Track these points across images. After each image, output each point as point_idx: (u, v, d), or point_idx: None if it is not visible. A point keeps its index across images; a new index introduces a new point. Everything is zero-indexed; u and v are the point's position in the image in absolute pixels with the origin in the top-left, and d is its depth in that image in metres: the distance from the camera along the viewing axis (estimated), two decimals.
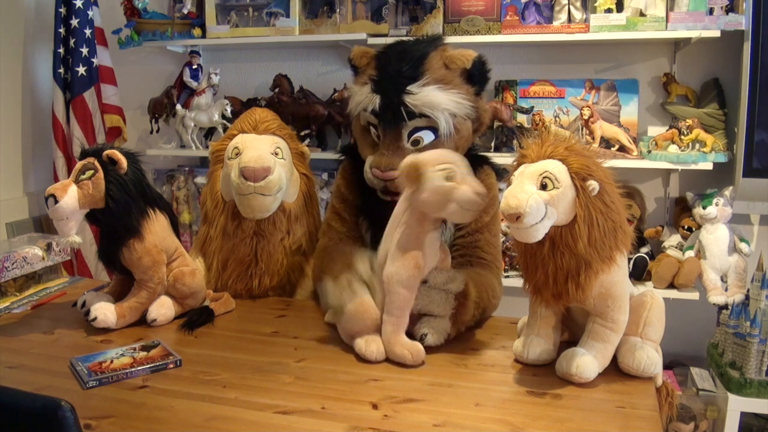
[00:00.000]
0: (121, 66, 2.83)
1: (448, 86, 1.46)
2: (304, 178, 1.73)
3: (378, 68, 1.51)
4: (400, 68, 1.47)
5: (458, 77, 1.49)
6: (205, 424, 1.02)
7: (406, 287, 1.22)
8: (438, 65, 1.48)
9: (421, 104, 1.43)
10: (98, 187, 1.35)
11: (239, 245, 1.65)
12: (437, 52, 1.50)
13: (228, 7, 2.65)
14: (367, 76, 1.52)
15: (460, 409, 1.06)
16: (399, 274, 1.22)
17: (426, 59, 1.48)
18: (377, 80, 1.48)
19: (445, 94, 1.45)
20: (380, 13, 2.46)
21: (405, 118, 1.44)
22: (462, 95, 1.47)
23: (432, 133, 1.48)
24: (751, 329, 1.89)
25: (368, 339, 1.26)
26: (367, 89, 1.50)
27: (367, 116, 1.51)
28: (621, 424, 1.02)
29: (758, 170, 2.15)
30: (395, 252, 1.24)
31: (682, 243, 2.27)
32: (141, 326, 1.45)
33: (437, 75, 1.46)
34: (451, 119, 1.46)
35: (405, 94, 1.43)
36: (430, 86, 1.44)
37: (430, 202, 1.19)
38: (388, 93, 1.46)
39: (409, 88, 1.44)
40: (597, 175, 1.08)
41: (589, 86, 2.40)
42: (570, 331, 1.28)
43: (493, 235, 1.57)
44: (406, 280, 1.22)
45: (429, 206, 1.20)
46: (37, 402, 0.82)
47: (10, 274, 1.64)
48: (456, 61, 1.49)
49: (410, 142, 1.48)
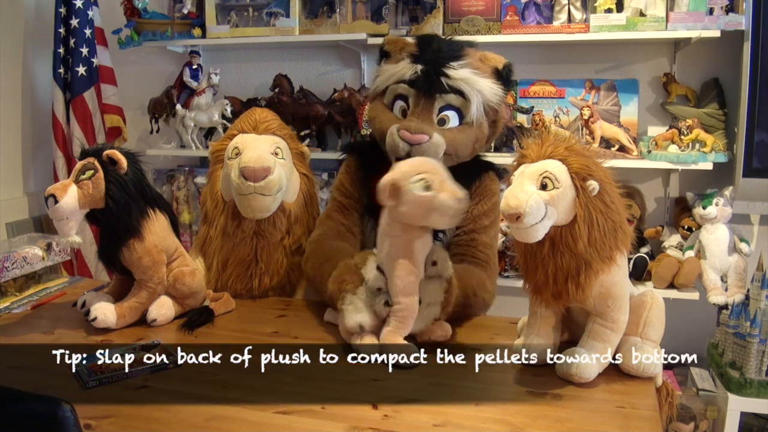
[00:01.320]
0: (121, 66, 2.83)
1: (483, 75, 1.53)
2: (304, 178, 1.73)
3: (419, 46, 1.57)
4: (442, 46, 1.55)
5: (490, 74, 1.55)
6: (205, 424, 1.02)
7: (407, 295, 1.23)
8: (474, 58, 1.55)
9: (461, 78, 1.49)
10: (98, 187, 1.35)
11: (239, 245, 1.65)
12: (473, 49, 1.59)
13: (228, 7, 2.65)
14: (404, 55, 1.57)
15: (460, 409, 1.06)
16: (397, 286, 1.23)
17: (464, 50, 1.55)
18: (419, 54, 1.54)
19: (479, 77, 1.52)
20: (380, 13, 2.46)
21: (444, 88, 1.48)
22: (495, 87, 1.54)
23: (458, 117, 1.52)
24: (751, 329, 1.89)
25: (366, 337, 1.27)
26: (405, 62, 1.54)
27: (400, 88, 1.54)
28: (621, 424, 1.02)
29: (758, 170, 2.15)
30: (388, 264, 1.25)
31: (682, 243, 2.27)
32: (141, 326, 1.45)
33: (474, 64, 1.53)
34: (481, 107, 1.51)
35: (446, 67, 1.49)
36: (466, 69, 1.51)
37: (412, 214, 1.20)
38: (430, 62, 1.51)
39: (450, 63, 1.50)
40: (597, 175, 1.08)
41: (589, 86, 2.40)
42: (570, 331, 1.28)
43: (491, 237, 1.59)
44: (405, 288, 1.23)
45: (411, 218, 1.21)
46: (37, 402, 0.83)
47: (10, 274, 1.64)
48: (490, 60, 1.57)
49: (438, 119, 1.51)
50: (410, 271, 1.23)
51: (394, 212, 1.22)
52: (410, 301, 1.24)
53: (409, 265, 1.23)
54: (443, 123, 1.52)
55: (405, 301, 1.23)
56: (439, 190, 1.17)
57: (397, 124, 1.50)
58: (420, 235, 1.24)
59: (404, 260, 1.23)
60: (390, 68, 1.57)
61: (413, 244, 1.24)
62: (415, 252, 1.24)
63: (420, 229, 1.24)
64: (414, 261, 1.24)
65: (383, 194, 1.22)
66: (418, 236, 1.24)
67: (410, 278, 1.23)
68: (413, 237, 1.24)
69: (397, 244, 1.24)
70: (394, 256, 1.24)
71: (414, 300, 1.24)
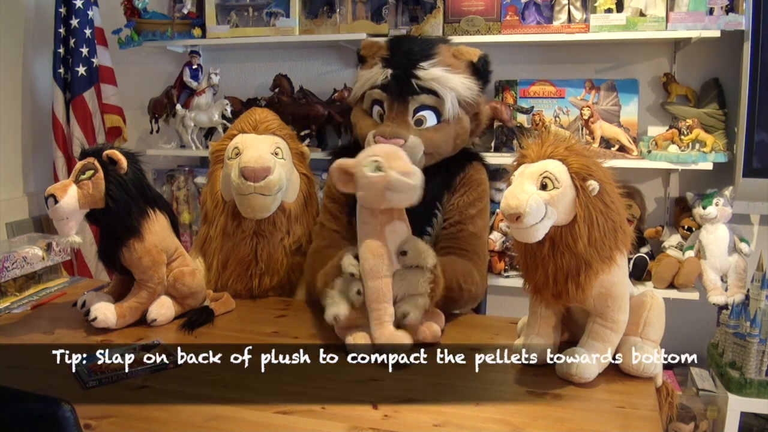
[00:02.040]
0: (121, 66, 2.83)
1: (456, 71, 1.53)
2: (304, 178, 1.73)
3: (390, 49, 1.58)
4: (413, 47, 1.55)
5: (465, 68, 1.55)
6: (205, 424, 1.02)
7: (373, 278, 1.24)
8: (447, 54, 1.55)
9: (432, 78, 1.49)
10: (98, 187, 1.35)
11: (239, 245, 1.65)
12: (446, 45, 1.58)
13: (228, 7, 2.64)
14: (377, 59, 1.58)
15: (460, 409, 1.06)
16: (363, 270, 1.24)
17: (436, 47, 1.55)
18: (389, 57, 1.55)
19: (453, 75, 1.52)
20: (380, 13, 2.46)
21: (415, 90, 1.49)
22: (469, 82, 1.53)
23: (435, 116, 1.52)
24: (751, 329, 1.89)
25: (357, 335, 1.27)
26: (378, 67, 1.55)
27: (374, 93, 1.55)
28: (621, 424, 1.02)
29: (758, 170, 2.15)
30: (363, 251, 1.26)
31: (682, 243, 2.27)
32: (141, 326, 1.45)
33: (447, 61, 1.53)
34: (457, 102, 1.51)
35: (416, 69, 1.49)
36: (439, 67, 1.51)
37: (369, 197, 1.23)
38: (399, 66, 1.52)
39: (420, 63, 1.50)
40: (597, 175, 1.08)
41: (589, 86, 2.40)
42: (570, 331, 1.28)
43: (479, 228, 1.58)
44: (370, 271, 1.24)
45: (370, 201, 1.24)
46: (37, 402, 0.83)
47: (10, 274, 1.64)
48: (464, 54, 1.57)
49: (414, 120, 1.51)
50: (377, 253, 1.24)
51: (358, 199, 1.26)
52: (378, 284, 1.24)
53: (377, 248, 1.24)
54: (420, 123, 1.52)
55: (372, 285, 1.24)
56: (387, 169, 1.20)
57: (374, 130, 1.51)
58: (388, 221, 1.26)
59: (371, 245, 1.24)
60: (365, 74, 1.59)
61: (382, 229, 1.25)
62: (384, 237, 1.25)
63: (387, 214, 1.26)
64: (381, 246, 1.24)
65: (333, 178, 1.26)
66: (387, 222, 1.26)
67: (376, 261, 1.24)
68: (381, 222, 1.26)
69: (366, 230, 1.26)
70: (363, 239, 1.26)
71: (382, 283, 1.24)
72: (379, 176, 1.20)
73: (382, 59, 1.56)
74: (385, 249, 1.25)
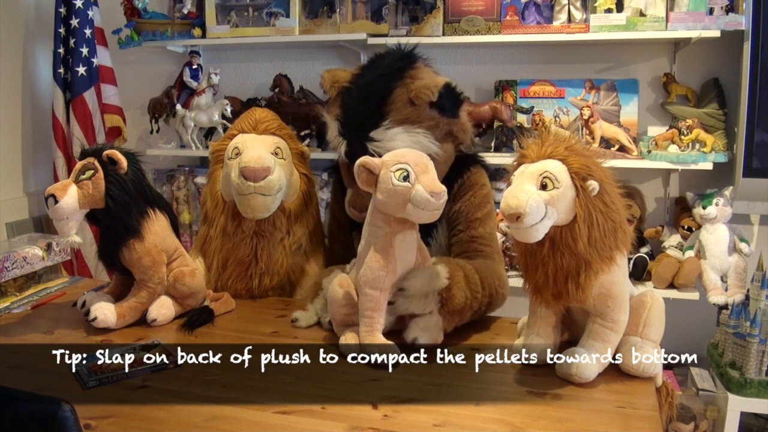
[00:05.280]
0: (121, 66, 2.83)
1: (414, 126, 1.42)
2: (304, 178, 1.73)
3: (342, 108, 1.48)
4: (363, 112, 1.43)
5: (426, 110, 1.44)
6: (205, 424, 1.02)
7: (373, 288, 1.21)
8: (402, 103, 1.43)
9: (385, 151, 1.36)
10: (98, 187, 1.35)
11: (239, 245, 1.65)
12: (402, 87, 1.44)
13: (228, 7, 2.65)
14: (334, 113, 1.51)
15: (460, 409, 1.06)
16: (365, 276, 1.21)
17: (390, 97, 1.43)
18: (342, 123, 1.48)
19: (410, 136, 1.41)
20: (380, 13, 2.46)
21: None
22: (428, 135, 1.43)
23: None
24: (751, 329, 1.89)
25: (348, 335, 1.27)
26: (335, 130, 1.50)
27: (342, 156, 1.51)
28: (621, 424, 1.02)
29: (758, 170, 2.15)
30: (362, 252, 1.24)
31: (682, 243, 2.27)
32: (141, 326, 1.45)
33: (402, 115, 1.42)
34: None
35: (369, 141, 1.41)
36: (394, 129, 1.41)
37: (388, 203, 1.19)
38: (352, 139, 1.44)
39: (372, 134, 1.41)
40: (597, 175, 1.08)
41: (589, 86, 2.40)
42: (570, 331, 1.28)
43: (489, 229, 1.56)
44: (373, 281, 1.21)
45: (388, 207, 1.19)
46: (37, 402, 0.83)
47: (10, 274, 1.64)
48: (421, 96, 1.43)
49: None
50: (382, 265, 1.20)
51: (374, 200, 1.22)
52: (376, 295, 1.21)
53: (382, 260, 1.20)
54: None
55: (371, 293, 1.21)
56: (415, 182, 1.16)
57: (348, 196, 1.52)
58: (401, 230, 1.22)
59: (379, 254, 1.21)
60: (330, 125, 1.53)
61: (392, 239, 1.21)
62: (394, 247, 1.21)
63: (401, 223, 1.21)
64: (388, 256, 1.21)
65: (356, 176, 1.20)
66: (399, 231, 1.22)
67: (380, 273, 1.20)
68: (393, 231, 1.21)
69: (376, 235, 1.22)
70: (371, 245, 1.22)
71: (379, 295, 1.21)
72: (405, 187, 1.16)
73: (337, 120, 1.49)
74: (392, 261, 1.21)
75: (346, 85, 1.51)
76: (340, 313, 1.30)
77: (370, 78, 1.48)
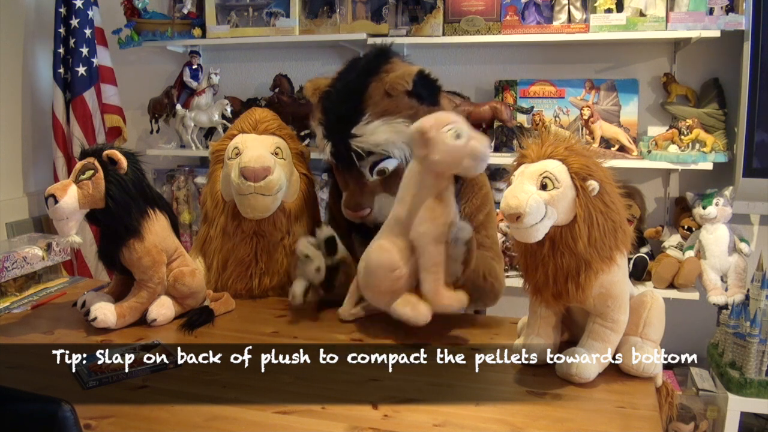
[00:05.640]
0: (121, 66, 2.83)
1: (393, 116, 1.43)
2: (304, 178, 1.73)
3: (323, 112, 1.52)
4: (342, 111, 1.46)
5: (404, 99, 1.46)
6: (205, 424, 1.02)
7: (438, 243, 1.26)
8: (379, 96, 1.45)
9: (369, 145, 1.42)
10: (98, 187, 1.35)
11: (239, 245, 1.65)
12: (378, 82, 1.46)
13: (228, 7, 2.65)
14: (318, 120, 1.54)
15: (460, 409, 1.06)
16: (431, 232, 1.26)
17: (366, 93, 1.45)
18: (325, 125, 1.50)
19: (390, 126, 1.43)
20: (380, 13, 2.46)
21: (356, 161, 1.44)
22: (408, 123, 1.41)
23: (394, 161, 1.46)
24: (751, 329, 1.89)
25: (413, 303, 1.29)
26: (320, 134, 1.52)
27: (328, 160, 1.53)
28: (621, 424, 1.02)
29: (758, 170, 2.15)
30: (423, 213, 1.27)
31: (682, 243, 2.27)
32: (141, 326, 1.45)
33: (380, 108, 1.44)
34: (407, 146, 1.43)
35: (351, 138, 1.43)
36: (374, 123, 1.42)
37: (444, 161, 1.23)
38: (335, 140, 1.47)
39: (353, 131, 1.43)
40: (597, 175, 1.08)
41: (589, 86, 2.40)
42: (570, 331, 1.28)
43: (490, 231, 1.57)
44: (438, 236, 1.26)
45: (444, 166, 1.25)
46: (37, 402, 0.83)
47: (10, 274, 1.64)
48: (396, 86, 1.45)
49: (375, 174, 1.48)
50: (445, 221, 1.26)
51: (426, 162, 1.26)
52: (440, 249, 1.26)
53: (442, 214, 1.27)
54: (383, 173, 1.47)
55: (434, 249, 1.26)
56: (469, 137, 1.22)
57: (343, 198, 1.52)
58: (450, 185, 1.29)
59: (440, 209, 1.27)
60: (316, 132, 1.55)
61: (446, 193, 1.28)
62: (448, 200, 1.28)
63: (449, 178, 1.29)
64: (446, 209, 1.27)
65: (413, 142, 1.26)
66: (448, 185, 1.29)
67: (444, 228, 1.26)
68: (444, 186, 1.28)
69: (430, 194, 1.27)
70: (429, 205, 1.27)
71: (443, 249, 1.26)
72: (463, 144, 1.21)
73: (320, 124, 1.51)
74: (450, 213, 1.28)
75: (324, 91, 1.54)
76: (390, 279, 1.30)
77: (348, 79, 1.51)
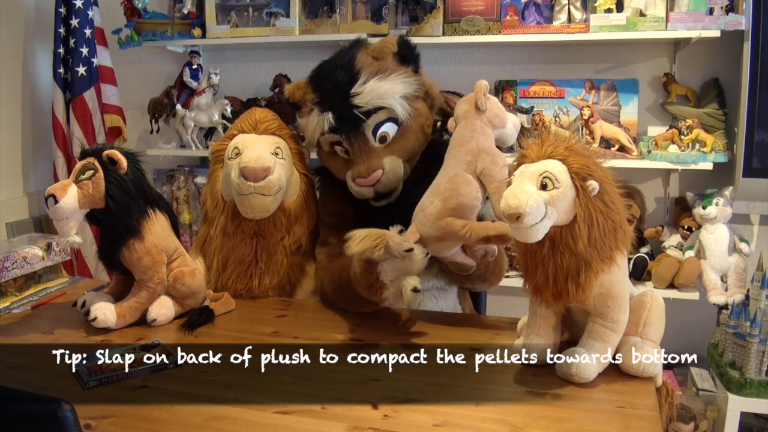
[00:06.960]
0: (121, 66, 2.83)
1: (386, 73, 1.50)
2: (304, 178, 1.73)
3: (316, 90, 1.55)
4: (336, 79, 1.51)
5: (392, 63, 1.53)
6: (205, 424, 1.02)
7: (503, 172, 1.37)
8: (368, 61, 1.53)
9: (371, 98, 1.47)
10: (98, 187, 1.35)
11: (239, 245, 1.65)
12: (363, 51, 1.56)
13: (228, 7, 2.64)
14: (310, 104, 1.56)
15: (460, 409, 1.06)
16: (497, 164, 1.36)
17: (355, 60, 1.52)
18: (320, 100, 1.52)
19: (387, 81, 1.49)
20: (380, 13, 2.46)
21: (362, 118, 1.47)
22: (403, 75, 1.51)
23: (394, 124, 1.50)
24: (751, 329, 1.89)
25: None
26: (316, 113, 1.53)
27: (328, 138, 1.53)
28: (621, 424, 1.02)
29: (758, 170, 2.15)
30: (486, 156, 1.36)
31: (682, 243, 2.27)
32: (141, 326, 1.45)
33: (372, 69, 1.51)
34: (405, 102, 1.48)
35: (351, 97, 1.47)
36: (370, 81, 1.48)
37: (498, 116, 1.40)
38: (336, 105, 1.49)
39: (352, 90, 1.47)
40: (597, 175, 1.08)
41: (589, 86, 2.40)
42: (570, 331, 1.28)
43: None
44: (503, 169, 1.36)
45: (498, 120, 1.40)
46: (37, 402, 0.83)
47: (10, 274, 1.64)
48: (383, 50, 1.54)
49: (377, 140, 1.50)
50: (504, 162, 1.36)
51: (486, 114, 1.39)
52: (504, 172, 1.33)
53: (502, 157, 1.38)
54: (385, 140, 1.51)
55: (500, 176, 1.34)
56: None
57: (350, 172, 1.52)
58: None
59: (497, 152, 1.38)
60: (307, 123, 1.58)
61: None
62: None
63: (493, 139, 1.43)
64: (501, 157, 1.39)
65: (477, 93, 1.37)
66: None
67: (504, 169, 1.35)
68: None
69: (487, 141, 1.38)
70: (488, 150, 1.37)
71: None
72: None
73: (314, 103, 1.54)
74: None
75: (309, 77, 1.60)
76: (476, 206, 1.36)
77: (330, 59, 1.60)
